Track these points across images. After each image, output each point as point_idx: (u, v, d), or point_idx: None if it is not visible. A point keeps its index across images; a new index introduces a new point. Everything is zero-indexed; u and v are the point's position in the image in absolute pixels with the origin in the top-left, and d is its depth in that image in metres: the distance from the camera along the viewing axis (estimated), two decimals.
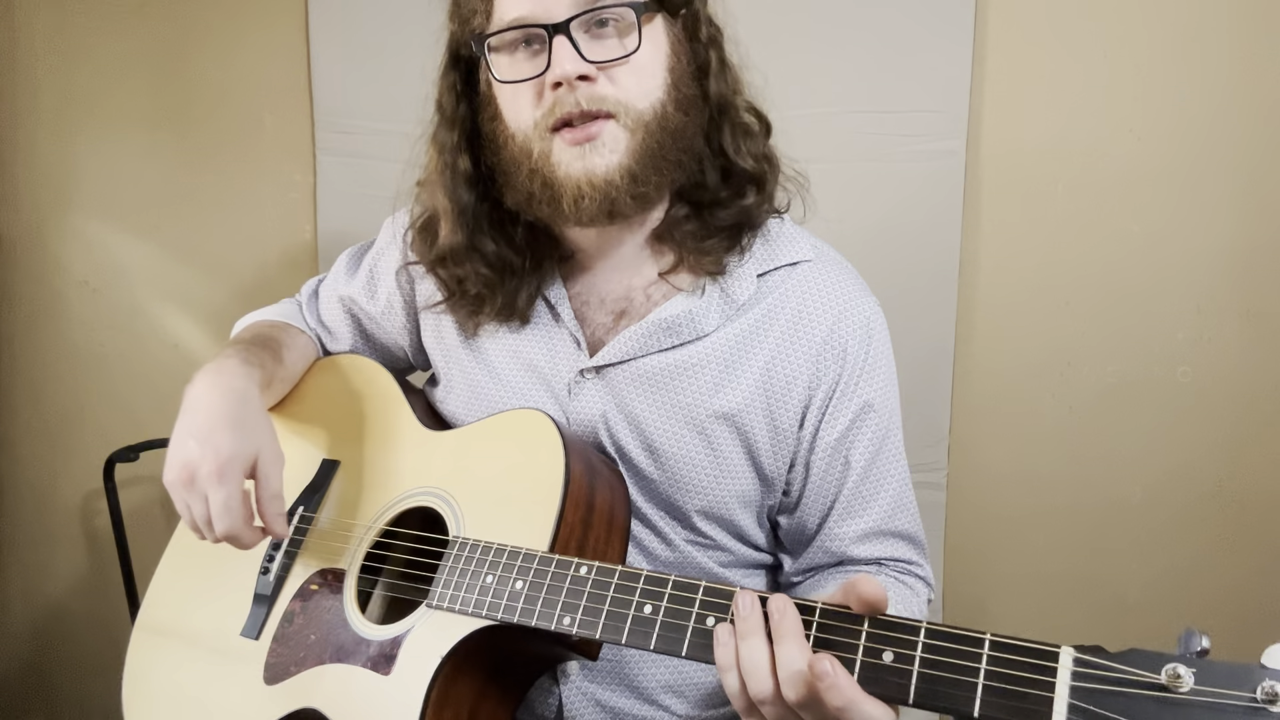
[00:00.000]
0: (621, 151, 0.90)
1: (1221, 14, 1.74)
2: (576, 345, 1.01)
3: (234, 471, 0.89)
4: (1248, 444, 1.83)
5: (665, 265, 1.01)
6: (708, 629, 0.71)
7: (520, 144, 0.93)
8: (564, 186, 0.91)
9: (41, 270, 1.98)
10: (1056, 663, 0.58)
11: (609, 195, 0.90)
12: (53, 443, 2.03)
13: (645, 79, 0.92)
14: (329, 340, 1.21)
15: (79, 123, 1.94)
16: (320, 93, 1.89)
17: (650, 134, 0.91)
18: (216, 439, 0.89)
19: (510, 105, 0.94)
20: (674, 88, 0.93)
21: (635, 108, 0.90)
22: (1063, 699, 0.57)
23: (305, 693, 0.92)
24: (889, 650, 0.64)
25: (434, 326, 1.10)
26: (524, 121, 0.92)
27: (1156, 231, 1.80)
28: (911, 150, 1.81)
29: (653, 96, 0.92)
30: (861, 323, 1.00)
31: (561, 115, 0.89)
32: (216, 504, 0.88)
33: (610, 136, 0.90)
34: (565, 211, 0.92)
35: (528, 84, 0.91)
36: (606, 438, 1.00)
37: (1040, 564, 1.88)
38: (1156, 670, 0.55)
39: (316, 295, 1.23)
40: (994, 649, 0.60)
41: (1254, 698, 0.52)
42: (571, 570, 0.81)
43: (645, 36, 0.91)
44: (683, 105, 0.94)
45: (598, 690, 1.01)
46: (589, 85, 0.89)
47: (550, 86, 0.89)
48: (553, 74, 0.88)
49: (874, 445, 1.00)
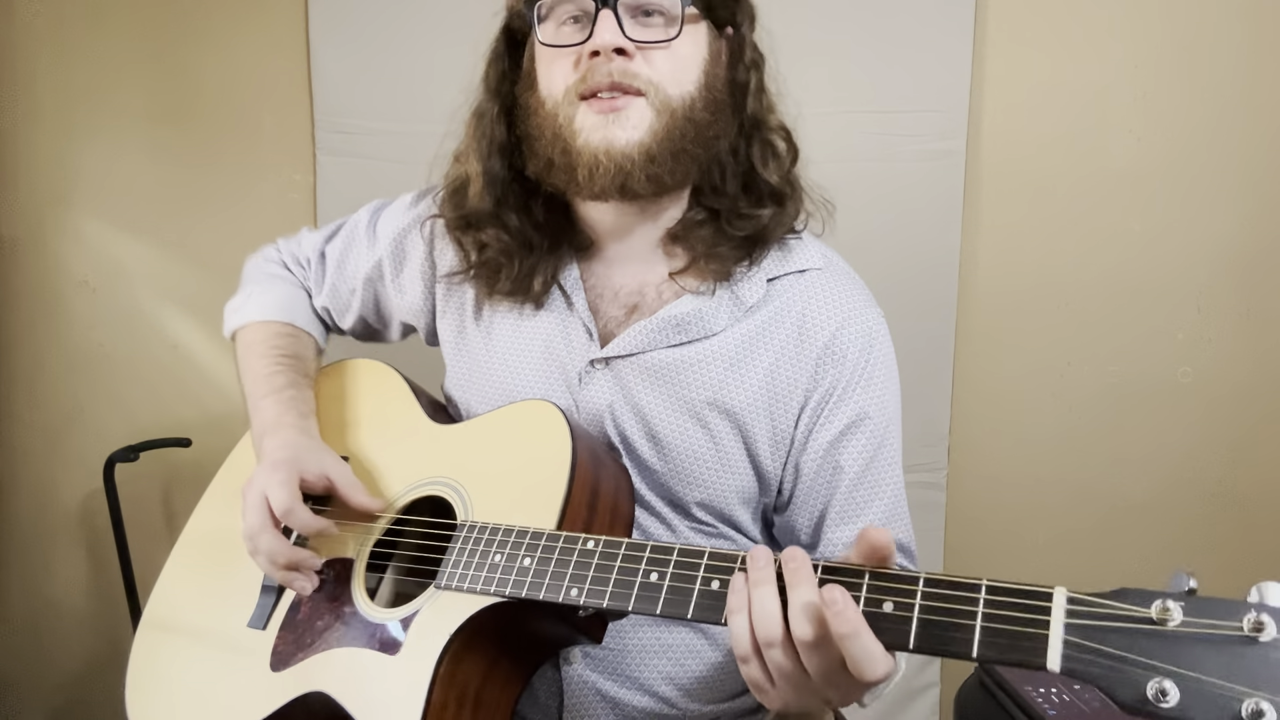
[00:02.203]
0: (644, 130, 0.92)
1: (1222, 14, 1.74)
2: (589, 335, 1.03)
3: (289, 468, 0.95)
4: (1248, 444, 1.83)
5: (677, 266, 1.03)
6: (713, 590, 0.73)
7: (549, 110, 0.96)
8: (581, 155, 0.93)
9: (41, 270, 1.98)
10: (1050, 602, 0.60)
11: (624, 169, 0.92)
12: (53, 443, 2.03)
13: (680, 69, 0.94)
14: (338, 316, 1.23)
15: (79, 122, 1.94)
16: (320, 93, 1.89)
17: (675, 121, 0.93)
18: (275, 456, 0.99)
19: (546, 72, 0.97)
20: (706, 89, 0.96)
21: (666, 91, 0.93)
22: (1058, 636, 0.59)
23: (312, 676, 0.93)
24: (889, 600, 0.65)
25: (455, 313, 1.11)
26: (556, 87, 0.95)
27: (1157, 231, 1.81)
28: (911, 150, 1.81)
29: (684, 87, 0.94)
30: (863, 332, 1.02)
31: (592, 84, 0.92)
32: (273, 485, 0.93)
33: (636, 113, 0.92)
34: (579, 181, 0.94)
35: (567, 51, 0.94)
36: (612, 428, 1.02)
37: (1040, 564, 1.88)
38: (1147, 606, 0.57)
39: (324, 261, 1.22)
40: (990, 593, 0.62)
41: (1240, 628, 0.54)
42: (579, 545, 0.82)
43: (687, 32, 0.94)
44: (711, 107, 0.96)
45: (600, 679, 1.02)
46: (624, 60, 0.92)
47: (588, 55, 0.92)
48: (592, 42, 0.91)
49: (868, 453, 1.01)
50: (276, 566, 0.95)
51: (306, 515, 0.95)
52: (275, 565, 0.95)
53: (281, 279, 1.24)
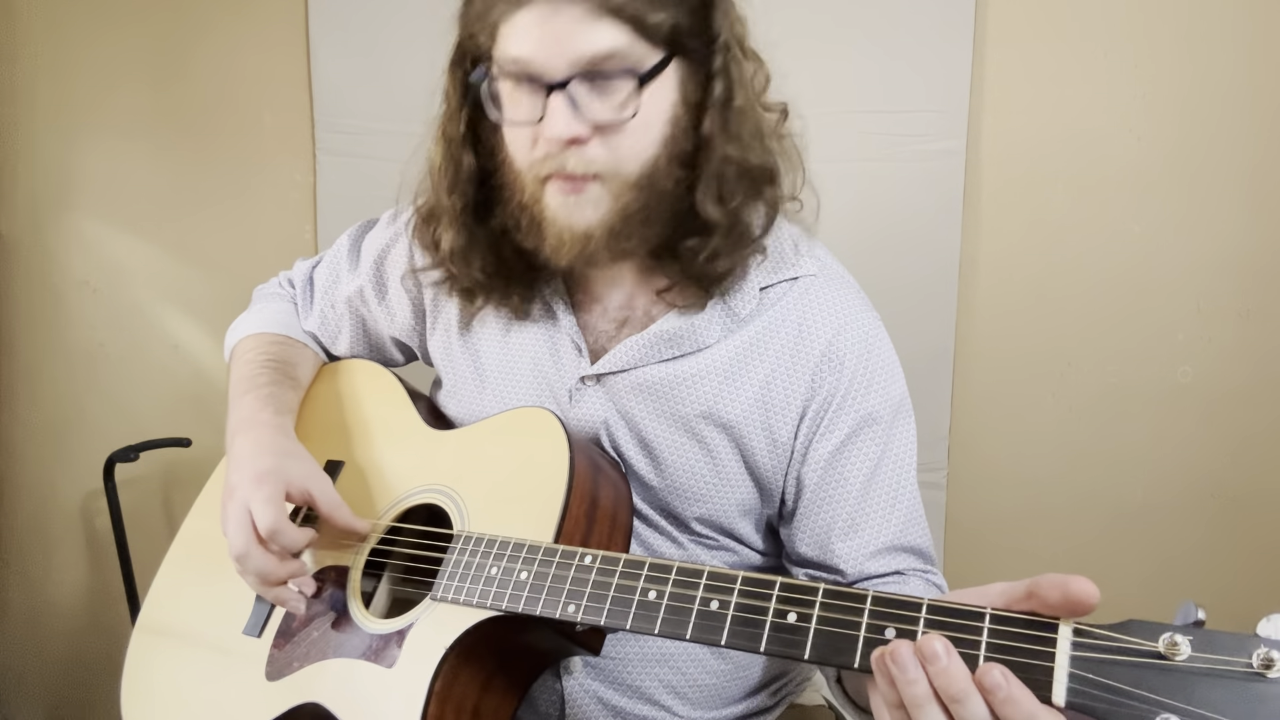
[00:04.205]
0: (604, 210, 0.90)
1: (1222, 14, 1.74)
2: (578, 351, 1.01)
3: (273, 482, 0.92)
4: (1247, 444, 1.83)
5: (661, 284, 1.00)
6: (712, 611, 0.72)
7: (516, 174, 0.93)
8: (549, 228, 0.91)
9: (41, 270, 1.98)
10: (1056, 634, 0.59)
11: (586, 246, 0.91)
12: (53, 443, 2.03)
13: (639, 139, 0.89)
14: (329, 343, 1.21)
15: (79, 123, 1.94)
16: (320, 93, 1.89)
17: (636, 196, 0.90)
18: (257, 464, 0.95)
19: (509, 131, 0.93)
20: (672, 140, 0.91)
21: (623, 171, 0.89)
22: (1063, 669, 0.58)
23: (307, 687, 0.92)
24: (891, 627, 0.65)
25: (442, 330, 1.10)
26: (519, 158, 0.92)
27: (1156, 232, 1.80)
28: (911, 150, 1.81)
29: (644, 155, 0.90)
30: (860, 337, 0.99)
31: (554, 169, 0.89)
32: (257, 502, 0.90)
33: (594, 195, 0.89)
34: (546, 251, 0.93)
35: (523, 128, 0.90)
36: (608, 444, 1.00)
37: (1040, 563, 1.87)
38: (1154, 639, 0.56)
39: (312, 286, 1.21)
40: (994, 622, 0.61)
41: (1249, 664, 0.53)
42: (576, 560, 0.81)
43: (649, 93, 0.88)
44: (679, 157, 0.92)
45: (600, 688, 1.01)
46: (579, 148, 0.87)
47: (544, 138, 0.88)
48: (545, 132, 0.87)
49: (872, 460, 0.99)
50: (268, 585, 0.93)
51: (293, 535, 0.92)
52: (267, 584, 0.93)
53: (281, 297, 1.24)
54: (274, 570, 0.91)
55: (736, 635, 0.70)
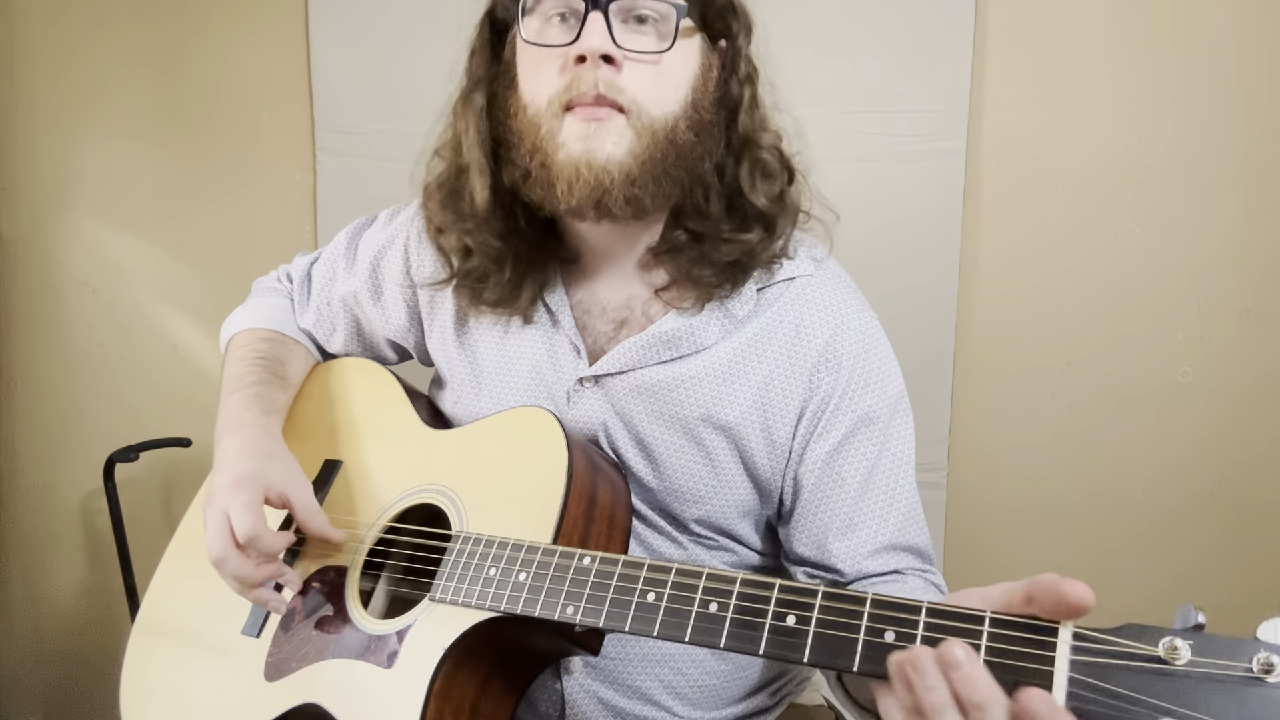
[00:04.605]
0: (624, 150, 0.88)
1: (1222, 14, 1.74)
2: (576, 353, 1.00)
3: (252, 487, 0.91)
4: (1248, 444, 1.83)
5: (660, 283, 1.00)
6: (711, 614, 0.72)
7: (530, 116, 0.91)
8: (561, 169, 0.89)
9: (41, 270, 1.98)
10: (1056, 637, 0.59)
11: (601, 184, 0.88)
12: (53, 443, 2.03)
13: (666, 87, 0.90)
14: (324, 340, 1.20)
15: (79, 123, 1.94)
16: (320, 93, 1.89)
17: (656, 143, 0.89)
18: (237, 468, 0.94)
19: (529, 73, 0.92)
20: (692, 108, 0.92)
21: (648, 112, 0.89)
22: (1063, 672, 0.57)
23: (306, 688, 0.92)
24: (890, 630, 0.64)
25: (439, 332, 1.10)
26: (539, 94, 0.91)
27: (1157, 231, 1.80)
28: (911, 150, 1.81)
29: (668, 108, 0.90)
30: (857, 337, 0.99)
31: (577, 94, 0.88)
32: (235, 507, 0.89)
33: (617, 129, 0.88)
34: (557, 196, 0.90)
35: (551, 53, 0.89)
36: (606, 446, 1.00)
37: (1040, 564, 1.87)
38: (1154, 644, 0.56)
39: (309, 282, 1.21)
40: (994, 625, 0.61)
41: (1249, 668, 0.53)
42: (575, 561, 0.81)
43: (679, 46, 0.90)
44: (696, 128, 0.92)
45: (600, 688, 1.01)
46: (611, 70, 0.87)
47: (574, 60, 0.88)
48: (580, 45, 0.87)
49: (870, 459, 0.98)
50: (247, 589, 0.92)
51: (270, 540, 0.91)
52: (246, 588, 0.92)
53: (277, 292, 1.23)
54: (251, 574, 0.91)
55: (735, 638, 0.70)
